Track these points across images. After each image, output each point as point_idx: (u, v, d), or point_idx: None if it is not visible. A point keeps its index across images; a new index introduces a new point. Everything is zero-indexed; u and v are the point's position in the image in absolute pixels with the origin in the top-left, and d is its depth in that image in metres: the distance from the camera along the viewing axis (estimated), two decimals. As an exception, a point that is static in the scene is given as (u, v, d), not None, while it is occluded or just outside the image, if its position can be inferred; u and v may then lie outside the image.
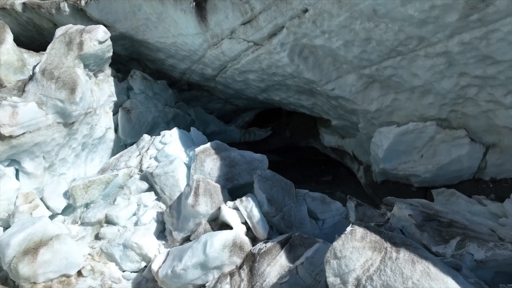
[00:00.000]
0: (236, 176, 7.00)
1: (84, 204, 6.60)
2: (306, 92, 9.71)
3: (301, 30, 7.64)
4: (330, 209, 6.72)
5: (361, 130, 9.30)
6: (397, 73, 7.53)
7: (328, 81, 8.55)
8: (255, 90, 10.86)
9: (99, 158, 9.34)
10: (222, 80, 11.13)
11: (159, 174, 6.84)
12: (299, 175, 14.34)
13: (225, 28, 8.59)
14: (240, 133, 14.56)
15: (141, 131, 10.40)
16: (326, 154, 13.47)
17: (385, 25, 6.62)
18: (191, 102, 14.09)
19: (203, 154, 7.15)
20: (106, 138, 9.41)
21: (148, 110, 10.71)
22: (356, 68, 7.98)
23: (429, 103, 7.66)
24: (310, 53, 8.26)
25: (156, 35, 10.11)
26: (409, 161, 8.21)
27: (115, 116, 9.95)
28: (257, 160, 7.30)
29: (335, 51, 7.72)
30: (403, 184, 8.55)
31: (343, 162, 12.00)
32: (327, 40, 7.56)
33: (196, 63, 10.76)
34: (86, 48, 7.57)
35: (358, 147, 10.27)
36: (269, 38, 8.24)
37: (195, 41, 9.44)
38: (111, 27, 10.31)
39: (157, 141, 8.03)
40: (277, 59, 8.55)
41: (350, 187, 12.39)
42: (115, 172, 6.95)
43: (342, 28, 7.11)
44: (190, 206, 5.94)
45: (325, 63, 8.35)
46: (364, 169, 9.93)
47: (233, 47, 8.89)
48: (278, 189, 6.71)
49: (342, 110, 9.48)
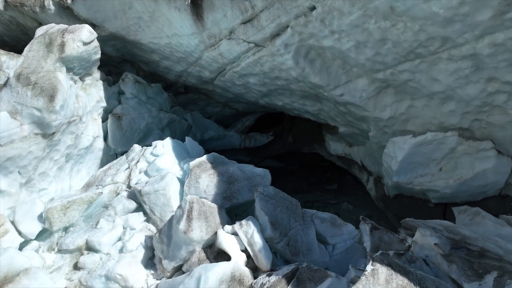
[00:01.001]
0: (235, 194, 6.24)
1: (63, 228, 5.83)
2: (312, 97, 8.94)
3: (308, 30, 6.87)
4: (341, 232, 5.95)
5: (371, 139, 8.52)
6: (414, 78, 6.75)
7: (337, 86, 7.77)
8: (256, 94, 10.09)
9: (86, 170, 8.57)
10: (220, 84, 10.37)
11: (148, 193, 6.07)
12: (302, 183, 13.59)
13: (223, 28, 7.81)
14: (240, 139, 13.80)
15: (133, 139, 9.64)
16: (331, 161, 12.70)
17: (403, 24, 5.85)
18: (188, 106, 13.33)
19: (198, 169, 6.38)
20: (94, 147, 8.65)
21: (141, 116, 9.95)
22: (368, 72, 7.21)
23: (450, 111, 6.88)
24: (317, 55, 7.48)
25: (149, 35, 9.34)
26: (426, 174, 7.44)
27: (105, 123, 9.19)
28: (259, 175, 6.53)
29: (345, 53, 6.94)
30: (419, 200, 7.78)
31: (350, 171, 11.22)
32: (336, 41, 6.78)
33: (192, 65, 9.99)
34: (68, 50, 6.79)
35: (367, 156, 9.50)
36: (272, 39, 7.47)
37: (191, 42, 8.67)
38: (100, 26, 9.56)
39: (148, 153, 7.27)
40: (280, 62, 7.77)
41: (357, 198, 11.63)
42: (99, 190, 6.17)
43: (354, 27, 6.34)
44: (182, 232, 5.17)
45: (334, 66, 7.58)
46: (375, 181, 9.16)
47: (232, 48, 8.12)
48: (282, 209, 5.95)
49: (351, 117, 8.70)
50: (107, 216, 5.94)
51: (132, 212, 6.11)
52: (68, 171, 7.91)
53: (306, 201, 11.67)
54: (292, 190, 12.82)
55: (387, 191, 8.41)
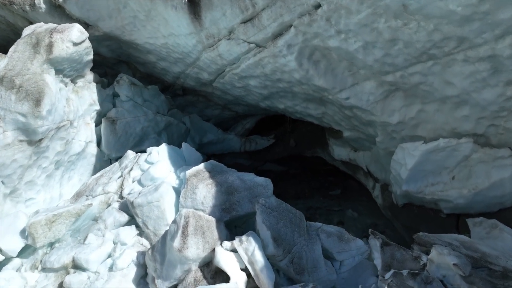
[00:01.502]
0: (234, 205, 5.80)
1: (47, 244, 5.40)
2: (316, 101, 8.50)
3: (312, 29, 6.44)
4: (349, 247, 5.51)
5: (378, 144, 8.08)
6: (426, 81, 6.32)
7: (342, 88, 7.34)
8: (257, 97, 9.66)
9: (78, 176, 8.14)
10: (219, 86, 9.93)
11: (141, 204, 5.64)
12: (304, 187, 13.16)
13: (222, 27, 7.38)
14: (240, 142, 13.37)
15: (127, 143, 9.21)
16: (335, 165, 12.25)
17: (416, 23, 5.41)
18: (186, 109, 12.90)
19: (195, 178, 5.95)
20: (86, 153, 8.22)
21: (137, 119, 9.52)
22: (376, 74, 6.78)
23: (464, 116, 6.44)
24: (322, 56, 7.05)
25: (144, 35, 8.91)
26: (438, 183, 7.00)
27: (98, 127, 8.76)
28: (260, 185, 6.09)
29: (352, 54, 6.51)
30: (430, 209, 7.35)
31: (354, 177, 10.78)
32: (343, 41, 6.35)
33: (190, 66, 9.56)
34: (56, 50, 6.36)
35: (373, 162, 9.06)
36: (274, 39, 7.04)
37: (188, 42, 8.23)
38: (94, 26, 9.13)
39: (142, 160, 6.83)
40: (283, 64, 7.34)
41: (362, 204, 11.20)
42: (88, 201, 5.74)
43: (362, 27, 5.90)
44: (176, 250, 4.73)
45: (339, 68, 7.15)
46: (381, 188, 8.72)
47: (231, 49, 7.69)
48: (285, 222, 5.52)
49: (357, 121, 8.27)
50: (96, 231, 5.51)
51: (124, 226, 5.68)
52: (58, 179, 7.48)
53: (308, 207, 11.24)
54: (294, 195, 12.40)
55: (395, 199, 7.98)
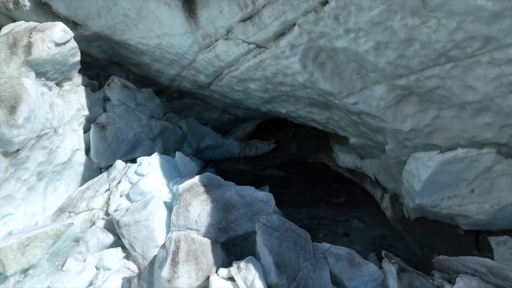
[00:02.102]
0: (232, 224, 5.21)
1: (21, 271, 4.82)
2: (320, 105, 7.91)
3: (318, 28, 5.84)
4: (361, 273, 4.91)
5: (388, 153, 7.49)
6: (444, 85, 5.73)
7: (350, 93, 6.75)
8: (257, 101, 9.06)
9: (64, 187, 7.55)
10: (217, 89, 9.34)
11: (127, 224, 5.04)
12: (307, 195, 12.57)
13: (219, 26, 6.79)
14: (240, 147, 12.77)
15: (119, 151, 8.62)
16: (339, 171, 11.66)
17: (436, 21, 4.82)
18: (183, 112, 12.30)
19: (189, 193, 5.35)
20: (73, 162, 7.63)
21: (129, 125, 8.92)
22: (388, 77, 6.18)
23: (485, 124, 5.85)
24: (328, 58, 6.46)
25: (137, 35, 8.32)
26: (455, 196, 6.41)
27: (87, 134, 8.17)
28: (261, 201, 5.50)
29: (362, 55, 5.92)
30: (446, 225, 6.76)
31: (360, 185, 10.18)
32: (352, 41, 5.76)
33: (186, 68, 8.97)
34: (36, 52, 5.77)
35: (382, 171, 8.47)
36: (276, 39, 6.45)
37: (183, 42, 7.64)
38: (83, 25, 8.54)
39: (132, 171, 6.24)
40: (285, 66, 6.75)
41: (369, 213, 10.60)
42: (69, 220, 5.15)
43: (375, 25, 5.31)
44: (165, 280, 4.14)
45: (347, 71, 6.55)
46: (391, 200, 8.12)
47: (229, 50, 7.09)
48: (289, 244, 4.92)
49: (365, 128, 7.67)
50: (77, 254, 4.92)
51: (109, 248, 5.09)
52: (41, 191, 6.89)
53: (312, 216, 10.65)
54: (296, 203, 11.81)
55: (407, 212, 7.38)
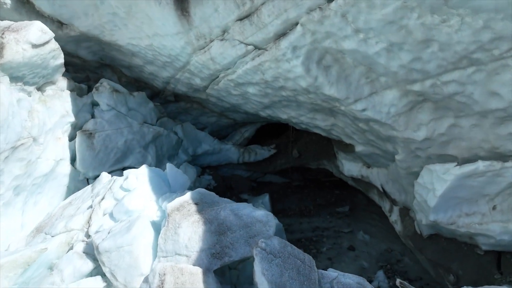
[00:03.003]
0: (227, 249, 4.62)
1: (-16, 306, 4.25)
2: (324, 111, 7.32)
3: (323, 28, 5.26)
4: (373, 307, 4.32)
5: (398, 163, 6.89)
6: (464, 91, 5.13)
7: (358, 99, 6.15)
8: (256, 106, 8.47)
9: (47, 200, 6.96)
10: (214, 93, 8.75)
11: (108, 250, 4.45)
12: (309, 203, 11.96)
13: (214, 26, 6.20)
14: (238, 153, 12.18)
15: (107, 160, 8.03)
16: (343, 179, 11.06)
17: (459, 19, 4.23)
18: (179, 116, 11.71)
19: (178, 213, 4.76)
20: (57, 173, 7.05)
21: (119, 131, 8.33)
22: (400, 82, 5.59)
23: (509, 134, 5.26)
24: (334, 61, 5.86)
25: (126, 35, 7.73)
26: (474, 213, 5.82)
27: (73, 142, 7.59)
28: (259, 221, 4.90)
29: (372, 58, 5.33)
30: (463, 244, 6.17)
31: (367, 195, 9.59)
32: (361, 42, 5.17)
33: (180, 71, 8.38)
34: (9, 54, 5.19)
35: (391, 181, 7.87)
36: (276, 40, 5.86)
37: (176, 43, 7.06)
38: (69, 25, 7.94)
39: (117, 186, 5.65)
40: (286, 69, 6.16)
41: (375, 224, 10.00)
42: (43, 245, 4.56)
43: (388, 25, 4.72)
44: (147, 322, 3.55)
45: (355, 75, 5.96)
46: (401, 213, 7.52)
47: (225, 52, 6.50)
48: (292, 273, 4.33)
49: (373, 136, 7.08)
50: (50, 285, 4.34)
51: (87, 277, 4.49)
52: (20, 206, 6.31)
53: (314, 227, 10.05)
54: (298, 213, 11.21)
55: (419, 228, 6.79)
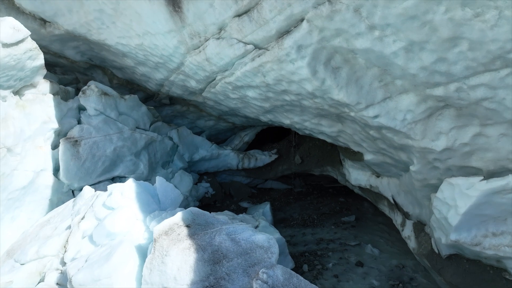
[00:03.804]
0: (222, 281, 3.98)
1: None
2: (331, 117, 6.67)
3: (333, 24, 4.61)
4: None
5: (413, 174, 6.24)
6: (494, 96, 4.48)
7: (370, 104, 5.51)
8: (257, 110, 7.83)
9: (26, 215, 6.33)
10: (211, 96, 8.11)
11: (83, 284, 3.80)
12: (312, 212, 11.31)
13: (209, 23, 5.56)
14: (238, 158, 11.54)
15: (95, 169, 7.39)
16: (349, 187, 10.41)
17: (497, 13, 3.59)
18: (175, 120, 11.08)
19: (167, 238, 4.12)
20: (37, 185, 6.41)
21: (107, 138, 7.69)
22: (419, 86, 4.94)
23: (544, 145, 4.62)
24: (344, 62, 5.22)
25: (115, 34, 7.10)
26: (503, 233, 5.17)
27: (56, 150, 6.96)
28: (260, 247, 4.26)
29: (388, 58, 4.68)
30: (489, 266, 5.52)
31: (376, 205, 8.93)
32: (376, 41, 4.52)
33: (174, 72, 7.74)
34: (-26, 55, 4.55)
35: (403, 192, 7.22)
36: (279, 38, 5.22)
37: (168, 42, 6.42)
38: (53, 23, 7.32)
39: (100, 203, 5.00)
40: (290, 71, 5.52)
41: (383, 236, 9.35)
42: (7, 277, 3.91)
43: (408, 20, 4.08)
44: None
45: (367, 78, 5.31)
46: (415, 228, 6.87)
47: (222, 51, 5.86)
48: (298, 311, 3.68)
49: (384, 144, 6.43)
50: (14, 327, 3.72)
51: (58, 316, 3.87)
52: (-7, 224, 5.69)
53: (319, 239, 9.40)
54: (301, 222, 10.56)
55: (437, 247, 6.13)
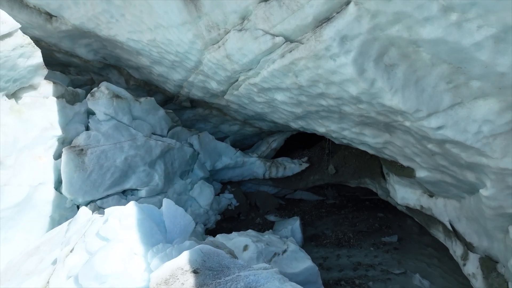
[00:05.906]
0: None
1: None
2: (377, 126, 5.48)
3: (391, 6, 3.46)
4: None
5: (484, 200, 4.93)
6: None
7: (433, 112, 4.28)
8: (286, 116, 6.74)
9: (23, 235, 5.58)
10: (234, 99, 7.11)
11: None
12: (347, 229, 10.07)
13: (230, 11, 4.54)
14: (265, 167, 10.49)
15: (102, 182, 6.57)
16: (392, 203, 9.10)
17: None
18: (197, 125, 10.19)
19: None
20: (35, 201, 5.66)
21: (118, 147, 6.86)
22: (505, 89, 3.68)
23: None
24: (402, 57, 4.03)
25: (125, 28, 6.24)
26: None
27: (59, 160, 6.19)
28: (290, 306, 3.17)
29: (467, 52, 3.46)
30: None
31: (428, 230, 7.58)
32: (452, 27, 3.32)
33: (193, 72, 6.81)
34: None
35: (465, 219, 5.90)
36: (317, 28, 4.11)
37: (182, 37, 5.46)
38: (59, 17, 6.57)
39: (93, 232, 4.09)
40: (330, 70, 4.38)
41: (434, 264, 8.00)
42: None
43: None
44: None
45: (431, 78, 4.09)
46: (483, 265, 5.54)
47: (245, 46, 4.81)
48: None
49: (446, 161, 5.16)
50: None
51: None
52: (-19, 246, 4.94)
53: (356, 263, 8.17)
54: (335, 242, 9.36)
55: (515, 295, 4.82)
